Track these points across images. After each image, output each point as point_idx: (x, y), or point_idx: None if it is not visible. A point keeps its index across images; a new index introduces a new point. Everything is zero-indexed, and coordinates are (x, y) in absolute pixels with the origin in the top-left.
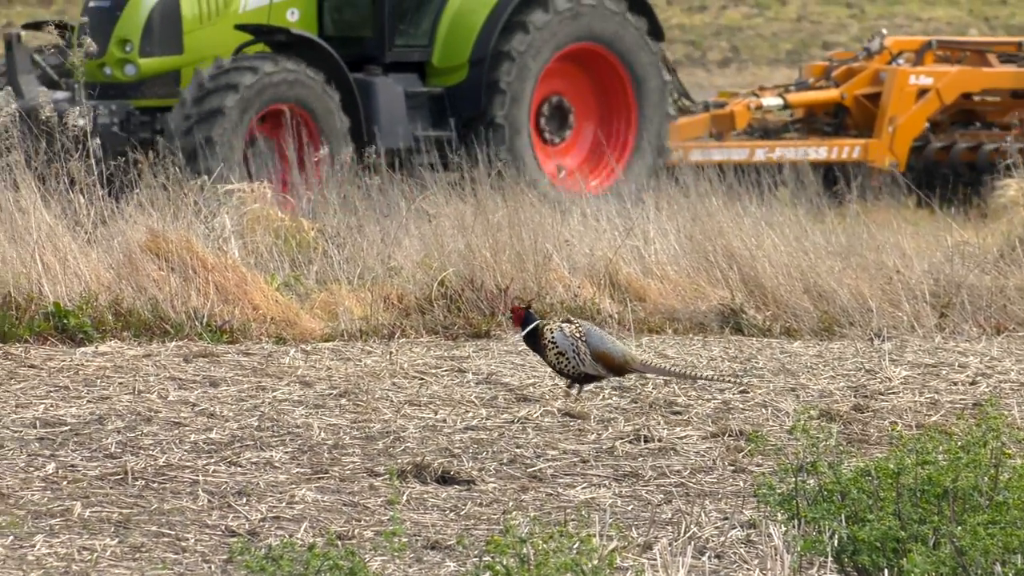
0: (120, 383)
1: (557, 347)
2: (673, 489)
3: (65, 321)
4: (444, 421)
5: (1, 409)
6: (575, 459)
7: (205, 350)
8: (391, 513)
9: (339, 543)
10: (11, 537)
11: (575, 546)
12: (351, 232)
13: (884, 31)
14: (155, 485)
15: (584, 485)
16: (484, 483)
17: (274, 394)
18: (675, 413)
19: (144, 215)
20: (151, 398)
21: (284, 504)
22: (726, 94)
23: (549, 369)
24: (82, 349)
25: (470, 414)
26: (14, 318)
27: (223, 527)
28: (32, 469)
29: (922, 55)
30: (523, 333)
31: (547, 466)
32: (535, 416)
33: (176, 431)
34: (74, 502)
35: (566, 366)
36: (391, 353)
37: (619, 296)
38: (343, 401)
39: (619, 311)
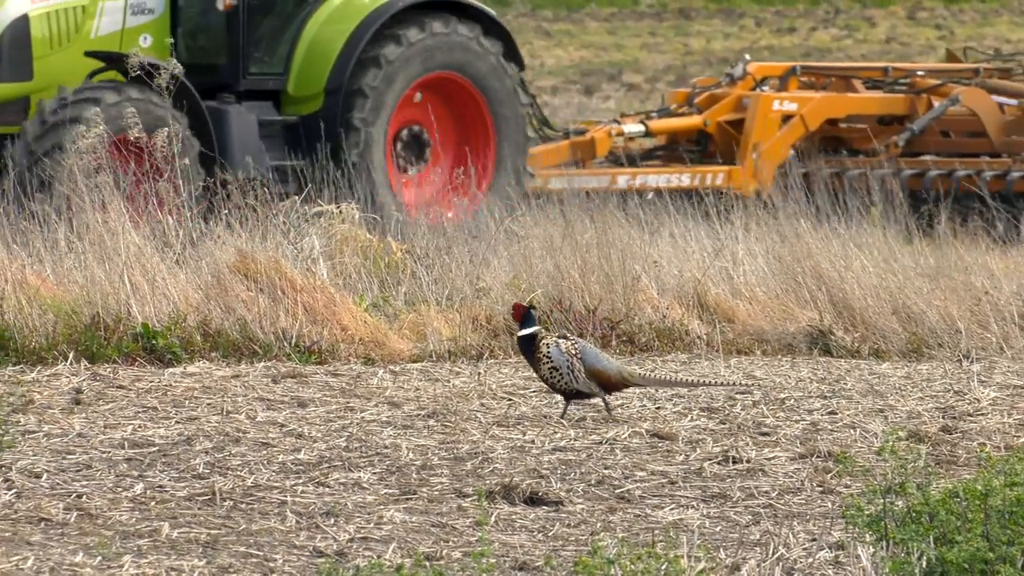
0: (208, 404)
1: (552, 362)
2: (761, 510)
3: (154, 342)
4: (532, 442)
5: (90, 430)
6: (663, 480)
7: (293, 371)
8: (479, 534)
9: (427, 564)
10: (99, 558)
11: (663, 567)
12: (440, 253)
13: (747, 56)
14: (243, 506)
15: (672, 506)
16: (572, 504)
17: (362, 415)
18: (763, 434)
19: (233, 236)
20: (239, 419)
21: (372, 525)
22: (589, 122)
23: (543, 384)
24: (170, 370)
25: (558, 435)
26: (103, 339)
27: (311, 548)
28: (120, 489)
29: (786, 81)
30: (520, 334)
31: (635, 487)
32: (623, 437)
33: (264, 452)
34: (162, 523)
35: (559, 381)
36: (480, 374)
37: (708, 317)
38: (431, 422)
39: (708, 332)
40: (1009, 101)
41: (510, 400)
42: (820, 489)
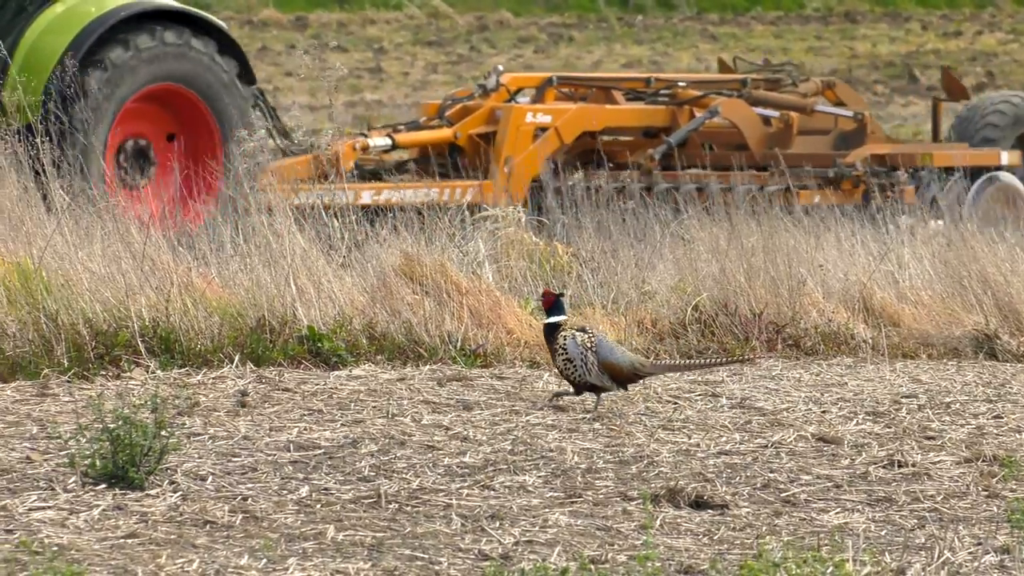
0: (374, 407)
1: (567, 353)
2: (926, 514)
3: (319, 344)
4: (697, 445)
5: (255, 432)
6: (828, 484)
7: (459, 374)
8: (644, 537)
9: (592, 567)
10: (264, 560)
11: (828, 571)
12: (605, 256)
13: (500, 67)
14: (408, 508)
15: (837, 510)
16: (737, 507)
17: (527, 418)
18: (929, 438)
19: (399, 239)
20: (405, 422)
21: (537, 528)
22: (347, 131)
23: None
24: (336, 373)
25: (723, 438)
26: (268, 341)
27: (476, 551)
28: (286, 492)
29: (542, 92)
30: (546, 321)
31: (800, 491)
32: (789, 441)
33: (429, 455)
34: (327, 525)
35: (572, 373)
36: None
37: (873, 321)
38: (596, 425)
39: (873, 336)
40: (772, 113)
41: (675, 404)
42: (985, 493)
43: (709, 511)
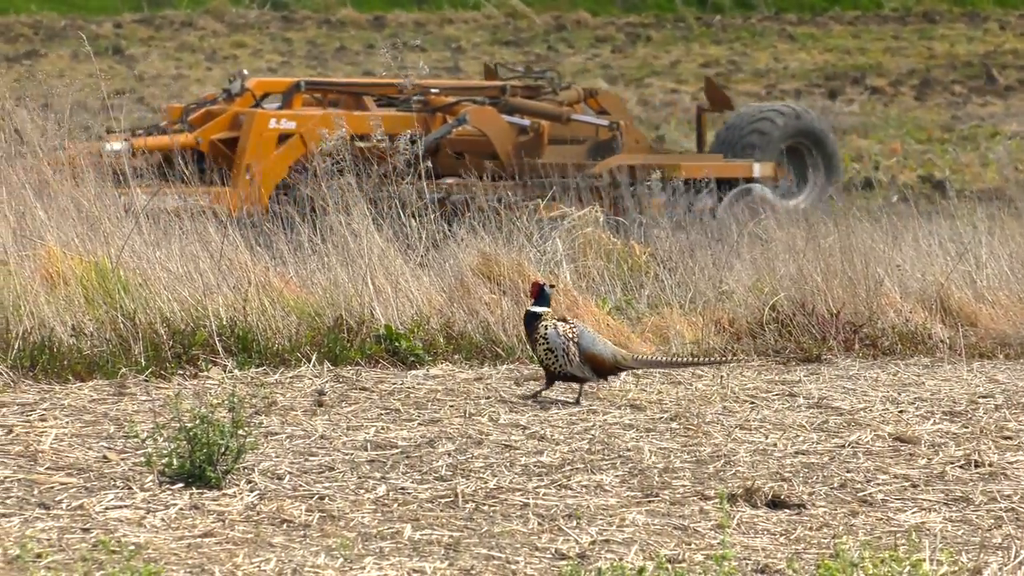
0: (451, 406)
1: (548, 343)
2: (1003, 514)
3: (396, 344)
4: (775, 445)
5: (332, 431)
6: (905, 483)
7: (536, 373)
8: (721, 537)
9: (669, 566)
10: (341, 559)
11: (905, 570)
12: (683, 256)
13: (245, 71)
14: (485, 508)
15: (914, 509)
16: (814, 507)
17: (605, 417)
18: (1006, 438)
19: (476, 239)
20: (482, 421)
21: (614, 527)
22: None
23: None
24: (413, 372)
25: (800, 438)
26: (346, 340)
27: (553, 550)
28: (363, 491)
29: (290, 98)
30: (528, 309)
31: (877, 490)
32: (866, 440)
33: (507, 454)
34: (404, 525)
35: (553, 364)
36: (722, 377)
37: (950, 321)
38: (674, 425)
39: (950, 336)
40: (523, 122)
41: (752, 403)
42: None
43: (786, 511)
